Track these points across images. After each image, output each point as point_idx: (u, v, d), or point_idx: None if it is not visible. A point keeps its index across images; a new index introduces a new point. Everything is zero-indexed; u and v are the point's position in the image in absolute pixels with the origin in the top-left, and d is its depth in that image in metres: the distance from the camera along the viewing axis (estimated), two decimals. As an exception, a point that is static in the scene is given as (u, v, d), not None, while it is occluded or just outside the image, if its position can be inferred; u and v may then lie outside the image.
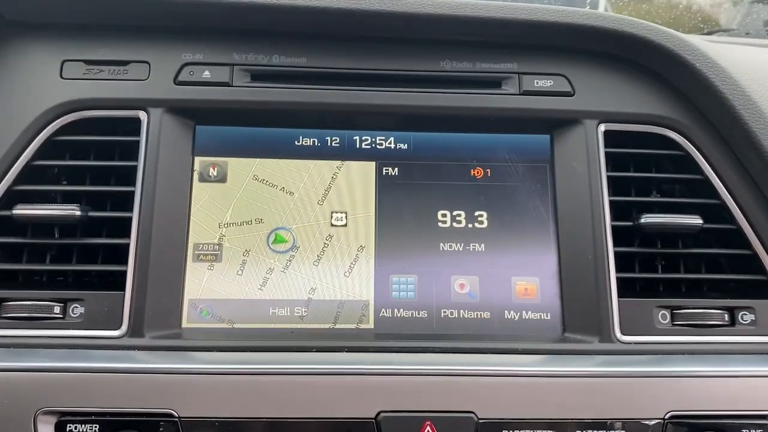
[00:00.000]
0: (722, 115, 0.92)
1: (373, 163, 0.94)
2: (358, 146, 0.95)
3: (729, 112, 0.90)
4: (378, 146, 0.95)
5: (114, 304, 0.84)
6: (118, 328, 0.84)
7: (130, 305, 0.84)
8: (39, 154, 0.89)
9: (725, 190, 0.93)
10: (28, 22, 0.93)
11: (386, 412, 0.78)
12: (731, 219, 0.92)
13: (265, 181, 0.92)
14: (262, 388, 0.78)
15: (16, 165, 0.88)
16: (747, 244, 0.91)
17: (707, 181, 0.93)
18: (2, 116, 0.89)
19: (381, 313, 0.89)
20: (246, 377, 0.79)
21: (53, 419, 0.77)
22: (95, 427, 0.77)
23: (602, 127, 0.94)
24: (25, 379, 0.77)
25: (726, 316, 0.89)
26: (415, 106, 0.94)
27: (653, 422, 0.80)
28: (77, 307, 0.85)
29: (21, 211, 0.86)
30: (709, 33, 2.34)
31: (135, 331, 0.83)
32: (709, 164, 0.93)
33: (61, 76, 0.92)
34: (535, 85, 0.95)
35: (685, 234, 0.93)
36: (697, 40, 0.95)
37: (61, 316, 0.84)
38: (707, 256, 0.94)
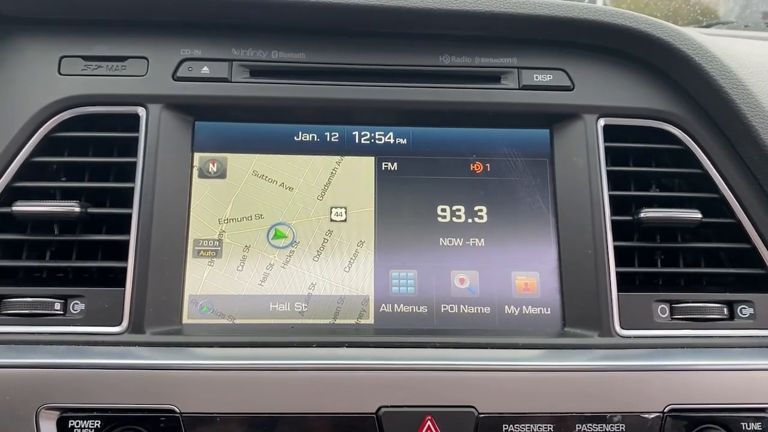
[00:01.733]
0: (721, 109, 0.92)
1: (372, 158, 0.94)
2: (357, 141, 0.95)
3: (728, 105, 0.90)
4: (377, 141, 0.95)
5: (114, 300, 0.84)
6: (118, 324, 0.84)
7: (131, 301, 0.84)
8: (38, 150, 0.89)
9: (724, 184, 0.93)
10: (26, 17, 0.93)
11: (387, 407, 0.79)
12: (730, 213, 0.93)
13: (264, 177, 0.92)
14: (263, 383, 0.78)
15: (15, 162, 0.88)
16: (746, 238, 0.92)
17: (706, 175, 0.93)
18: (1, 113, 0.89)
19: (381, 309, 0.89)
20: (247, 372, 0.79)
21: (55, 415, 0.77)
22: (97, 423, 0.77)
23: (602, 122, 0.94)
24: (26, 375, 0.78)
25: (725, 309, 0.89)
26: (414, 101, 0.94)
27: (652, 415, 0.80)
28: (77, 304, 0.85)
29: (20, 207, 0.86)
30: (708, 26, 2.34)
31: (136, 327, 0.83)
32: (708, 158, 0.93)
33: (59, 72, 0.92)
34: (535, 79, 0.95)
35: (684, 228, 0.93)
36: (695, 34, 0.95)
37: (61, 312, 0.84)
38: (707, 251, 0.94)
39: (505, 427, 0.79)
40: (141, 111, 0.90)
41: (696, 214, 0.91)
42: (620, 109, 0.95)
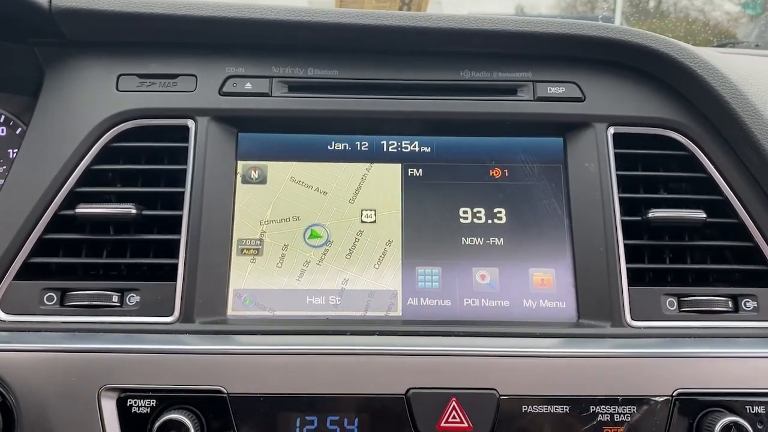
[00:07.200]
0: (722, 117, 0.98)
1: (399, 165, 1.01)
2: (385, 150, 1.02)
3: (728, 113, 0.96)
4: (404, 150, 1.02)
5: (167, 293, 0.92)
6: (170, 314, 0.91)
7: (182, 294, 0.91)
8: (97, 159, 0.97)
9: (727, 187, 0.98)
10: (87, 40, 1.03)
11: (415, 388, 0.84)
12: (734, 213, 0.98)
13: (301, 182, 1.00)
14: (301, 367, 0.85)
15: (77, 169, 0.96)
16: (749, 237, 0.97)
17: (710, 178, 0.99)
18: (65, 126, 0.98)
19: (408, 302, 0.95)
20: (287, 357, 0.85)
21: (115, 395, 0.84)
22: (153, 402, 0.83)
23: (611, 130, 1.00)
24: (89, 359, 0.85)
25: (730, 303, 0.94)
26: (437, 112, 1.01)
27: (662, 399, 0.85)
28: (133, 296, 0.92)
29: (83, 210, 0.94)
30: (720, 45, 2.41)
31: (186, 317, 0.90)
32: (711, 163, 0.99)
33: (117, 89, 1.00)
34: (548, 91, 1.01)
35: (691, 228, 0.98)
36: (696, 49, 1.01)
37: (118, 304, 0.92)
38: (713, 248, 0.99)
39: (524, 408, 0.85)
40: (190, 123, 0.98)
41: (701, 214, 0.96)
42: (629, 118, 1.01)
